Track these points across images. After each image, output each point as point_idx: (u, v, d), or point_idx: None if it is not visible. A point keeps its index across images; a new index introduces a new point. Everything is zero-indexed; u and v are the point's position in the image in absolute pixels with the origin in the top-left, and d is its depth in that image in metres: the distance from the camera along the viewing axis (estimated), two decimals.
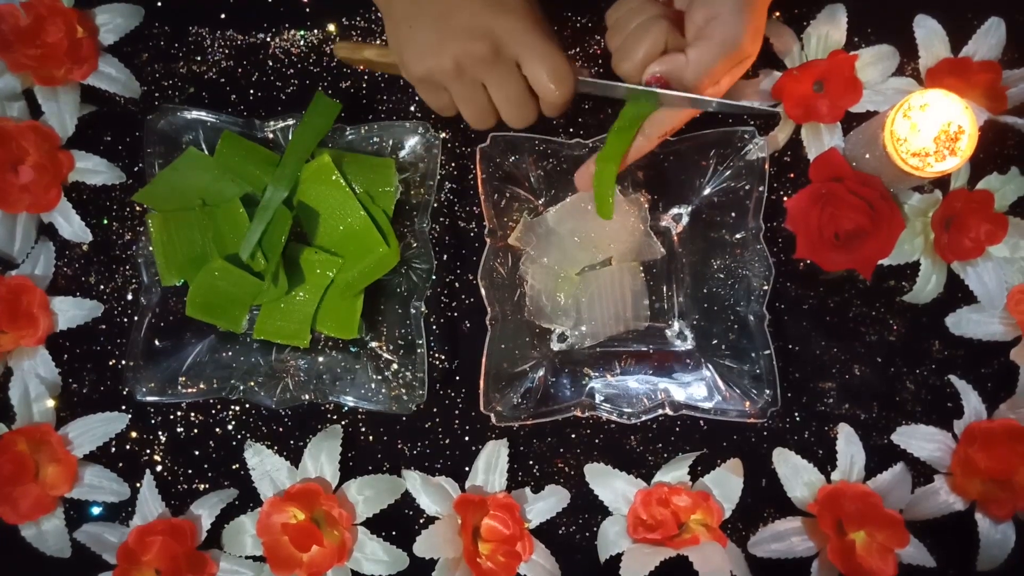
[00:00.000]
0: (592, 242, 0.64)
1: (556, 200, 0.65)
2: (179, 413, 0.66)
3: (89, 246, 0.67)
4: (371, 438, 0.65)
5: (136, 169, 0.68)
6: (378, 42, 0.69)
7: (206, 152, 0.65)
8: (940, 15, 0.67)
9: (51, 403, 0.64)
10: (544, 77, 0.51)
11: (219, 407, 0.66)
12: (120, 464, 0.65)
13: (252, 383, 0.63)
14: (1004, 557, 0.62)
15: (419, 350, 0.62)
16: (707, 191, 0.65)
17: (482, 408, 0.61)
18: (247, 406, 0.66)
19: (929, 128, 0.59)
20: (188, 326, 0.64)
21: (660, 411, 0.62)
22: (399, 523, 0.64)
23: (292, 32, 0.69)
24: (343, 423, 0.65)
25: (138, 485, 0.63)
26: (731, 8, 0.51)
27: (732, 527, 0.63)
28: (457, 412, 0.66)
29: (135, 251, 0.67)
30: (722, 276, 0.65)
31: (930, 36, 0.67)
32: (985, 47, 0.67)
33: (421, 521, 0.64)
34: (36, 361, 0.65)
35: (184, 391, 0.63)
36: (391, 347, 0.64)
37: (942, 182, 0.65)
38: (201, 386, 0.63)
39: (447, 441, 0.65)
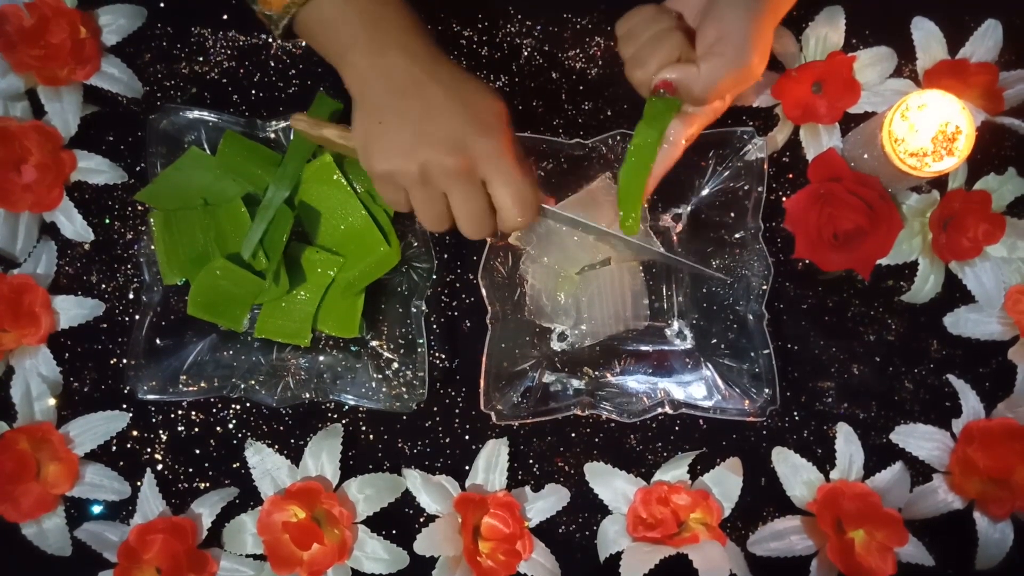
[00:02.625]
0: (592, 242, 0.64)
1: (556, 200, 0.65)
2: (180, 412, 0.66)
3: (91, 245, 0.68)
4: (372, 437, 0.66)
5: (138, 169, 0.68)
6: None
7: (208, 152, 0.65)
8: (937, 17, 0.68)
9: (52, 402, 0.64)
10: (508, 203, 0.51)
11: (220, 406, 0.66)
12: (121, 463, 0.65)
13: (253, 382, 0.63)
14: (1002, 556, 0.62)
15: (420, 349, 0.62)
16: (706, 191, 0.66)
17: (482, 407, 0.61)
18: (248, 405, 0.66)
19: (927, 128, 0.60)
20: (189, 325, 0.64)
21: (660, 410, 0.62)
22: (399, 522, 0.64)
23: None
24: (344, 422, 0.65)
25: (139, 484, 0.63)
26: (741, 29, 0.52)
27: (731, 526, 0.64)
28: (457, 411, 0.66)
29: (137, 250, 0.67)
30: (722, 276, 0.65)
31: (928, 38, 0.68)
32: (982, 49, 0.67)
33: (421, 520, 0.64)
34: (38, 360, 0.65)
35: (185, 390, 0.63)
36: (392, 346, 0.64)
37: (940, 182, 0.65)
38: (202, 385, 0.63)
39: (447, 440, 0.65)
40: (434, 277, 0.64)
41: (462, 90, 0.51)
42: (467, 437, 0.66)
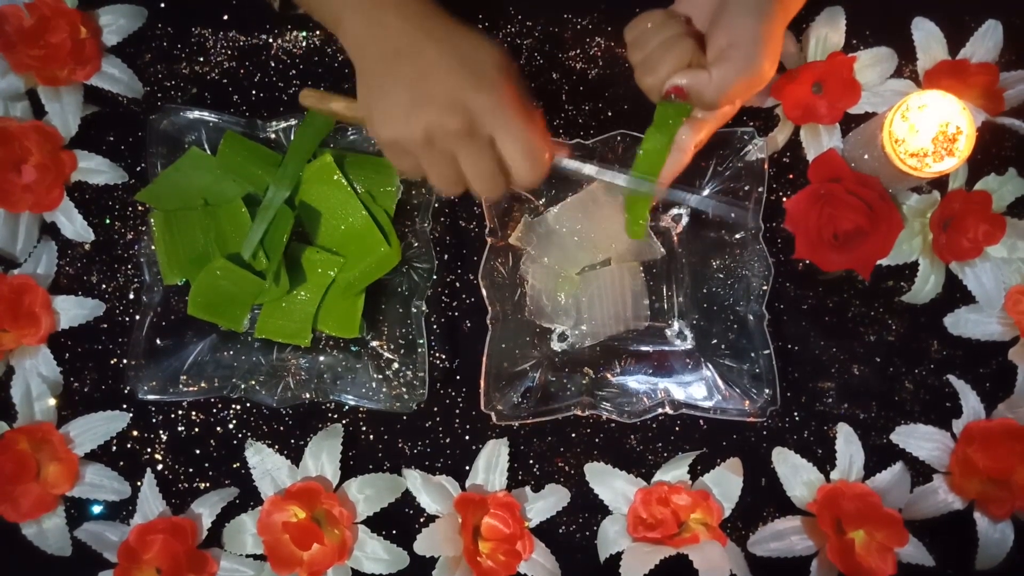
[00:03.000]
0: (592, 242, 0.64)
1: (557, 200, 0.66)
2: (180, 412, 0.66)
3: (91, 245, 0.68)
4: (372, 437, 0.66)
5: (138, 169, 0.68)
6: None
7: (208, 152, 0.65)
8: (938, 17, 0.68)
9: (52, 402, 0.64)
10: (518, 158, 0.49)
11: (220, 406, 0.66)
12: (121, 463, 0.65)
13: (253, 382, 0.63)
14: (1002, 556, 0.62)
15: (420, 349, 0.62)
16: (707, 191, 0.66)
17: (482, 407, 0.61)
18: (248, 405, 0.66)
19: (927, 129, 0.60)
20: (190, 325, 0.64)
21: (660, 410, 0.62)
22: (399, 522, 0.64)
23: (294, 33, 0.69)
24: (344, 422, 0.65)
25: (139, 484, 0.63)
26: (752, 34, 0.51)
27: (732, 526, 0.64)
28: (458, 411, 0.66)
29: (137, 250, 0.67)
30: (722, 276, 0.65)
31: (928, 38, 0.68)
32: (983, 49, 0.67)
33: (421, 520, 0.64)
34: (38, 360, 0.65)
35: (185, 390, 0.63)
36: (392, 346, 0.64)
37: (940, 183, 0.65)
38: (202, 385, 0.63)
39: (447, 440, 0.65)
40: (434, 277, 0.64)
41: (459, 45, 0.49)
42: (467, 437, 0.66)
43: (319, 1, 0.52)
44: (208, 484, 0.65)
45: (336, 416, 0.66)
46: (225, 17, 0.70)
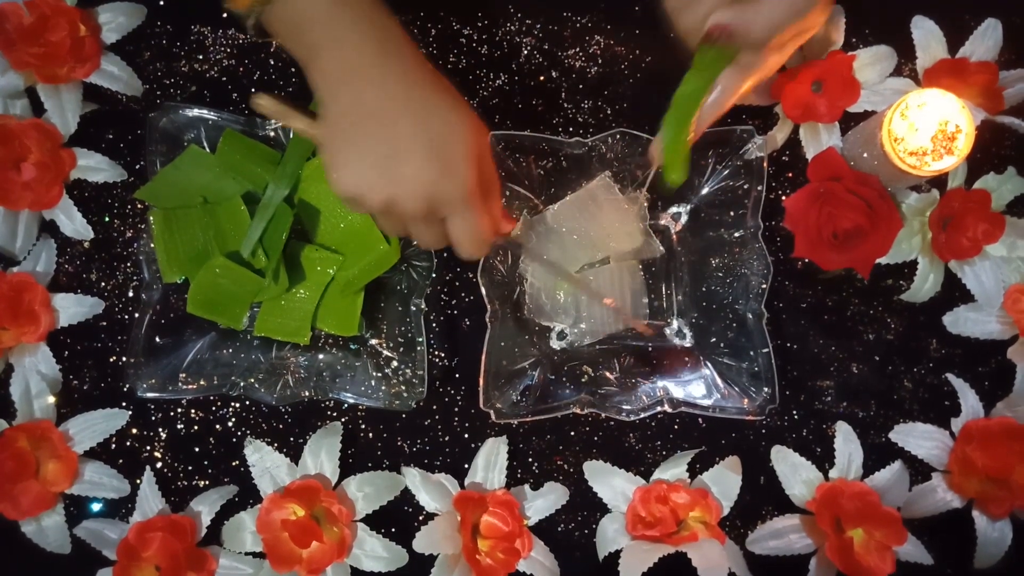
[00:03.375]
0: (591, 241, 0.64)
1: (556, 198, 0.66)
2: (179, 410, 0.66)
3: (90, 243, 0.68)
4: (371, 435, 0.66)
5: (138, 167, 0.68)
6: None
7: (208, 150, 0.65)
8: (937, 16, 0.68)
9: (52, 399, 0.64)
10: (464, 242, 0.51)
11: (219, 404, 0.66)
12: (120, 460, 0.65)
13: (252, 380, 0.63)
14: (1001, 555, 0.62)
15: (419, 347, 0.62)
16: (706, 190, 0.66)
17: (482, 405, 0.61)
18: (247, 403, 0.66)
19: (926, 127, 0.60)
20: (189, 323, 0.64)
21: (659, 409, 0.62)
22: (399, 520, 0.64)
23: None
24: (343, 420, 0.65)
25: (138, 481, 0.63)
26: None
27: (730, 524, 0.64)
28: (457, 409, 0.66)
29: (136, 248, 0.67)
30: (721, 275, 0.65)
31: (927, 37, 0.68)
32: (982, 48, 0.67)
33: (421, 518, 0.64)
34: (37, 358, 0.65)
35: (184, 388, 0.63)
36: (391, 344, 0.64)
37: (939, 181, 0.65)
38: (201, 383, 0.63)
39: (447, 438, 0.65)
40: (433, 275, 0.64)
41: (432, 123, 0.48)
42: (466, 435, 0.66)
43: (295, 32, 0.49)
44: (207, 482, 0.65)
45: (335, 414, 0.66)
46: (225, 15, 0.70)
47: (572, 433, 0.66)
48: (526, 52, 0.69)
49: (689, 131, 0.53)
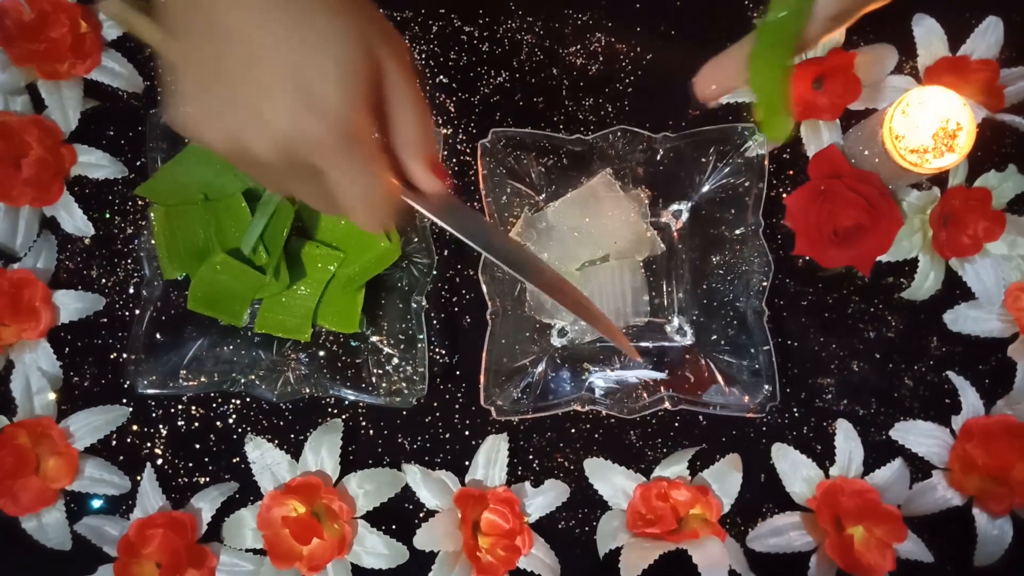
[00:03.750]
0: (592, 238, 0.64)
1: (557, 196, 0.66)
2: (180, 406, 0.66)
3: (91, 240, 0.68)
4: (371, 432, 0.66)
5: (138, 163, 0.68)
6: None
7: None
8: (939, 14, 0.68)
9: (52, 396, 0.64)
10: (352, 207, 0.40)
11: (220, 401, 0.66)
12: (121, 457, 0.65)
13: (253, 377, 0.63)
14: (1001, 552, 0.62)
15: (420, 344, 0.62)
16: (707, 187, 0.66)
17: (482, 402, 0.61)
18: (248, 400, 0.66)
19: (927, 125, 0.60)
20: (189, 320, 0.64)
21: (659, 406, 0.62)
22: (399, 517, 0.64)
23: None
24: (344, 417, 0.65)
25: (139, 478, 0.63)
26: None
27: (731, 522, 0.64)
28: (457, 406, 0.66)
29: (137, 245, 0.67)
30: (721, 272, 0.65)
31: (928, 35, 0.68)
32: (983, 46, 0.67)
33: (421, 515, 0.64)
34: (38, 354, 0.65)
35: (185, 384, 0.63)
36: (392, 341, 0.64)
37: (940, 179, 0.65)
38: (202, 379, 0.63)
39: (447, 435, 0.66)
40: (434, 273, 0.64)
41: (301, 34, 0.36)
42: (467, 432, 0.66)
43: None
44: (208, 479, 0.65)
45: (336, 411, 0.66)
46: None
47: (573, 430, 0.66)
48: (527, 49, 0.69)
49: (787, 66, 0.42)
